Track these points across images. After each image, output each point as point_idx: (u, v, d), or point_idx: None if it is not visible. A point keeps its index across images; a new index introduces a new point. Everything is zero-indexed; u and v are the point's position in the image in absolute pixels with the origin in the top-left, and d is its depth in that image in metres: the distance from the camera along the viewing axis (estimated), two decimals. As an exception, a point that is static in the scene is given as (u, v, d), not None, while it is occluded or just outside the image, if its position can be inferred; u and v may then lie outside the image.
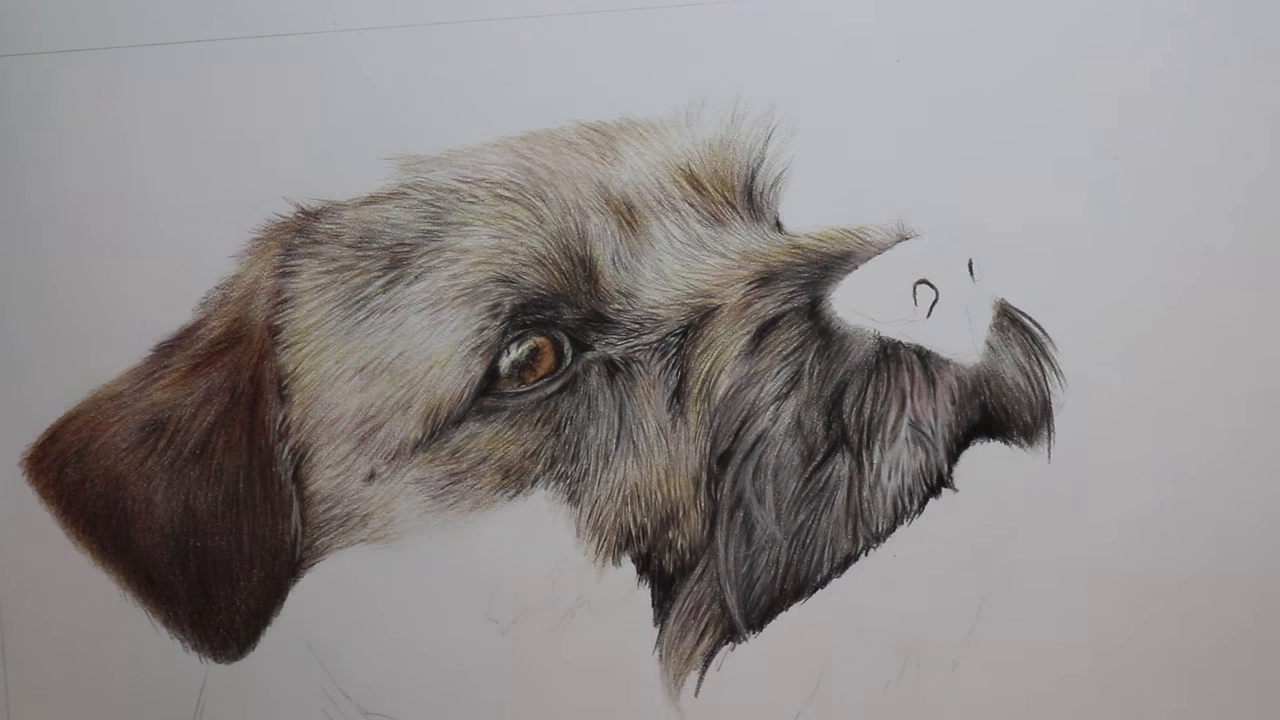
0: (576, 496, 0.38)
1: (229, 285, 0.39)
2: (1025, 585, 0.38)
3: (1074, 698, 0.38)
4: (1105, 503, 0.38)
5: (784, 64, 0.39)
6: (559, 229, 0.38)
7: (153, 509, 0.39)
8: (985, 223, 0.39)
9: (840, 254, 0.38)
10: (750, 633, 0.38)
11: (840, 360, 0.37)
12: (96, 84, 0.40)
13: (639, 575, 0.38)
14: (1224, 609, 0.38)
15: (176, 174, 0.39)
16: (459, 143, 0.39)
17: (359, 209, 0.39)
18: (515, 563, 0.39)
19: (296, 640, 0.39)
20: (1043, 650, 0.38)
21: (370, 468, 0.38)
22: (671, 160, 0.39)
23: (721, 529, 0.37)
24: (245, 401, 0.38)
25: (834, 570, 0.38)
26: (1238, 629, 0.38)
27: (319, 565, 0.39)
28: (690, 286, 0.38)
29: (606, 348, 0.38)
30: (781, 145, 0.39)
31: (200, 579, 0.39)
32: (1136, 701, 0.38)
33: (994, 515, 0.38)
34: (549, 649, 0.39)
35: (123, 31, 0.40)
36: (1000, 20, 0.39)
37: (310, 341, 0.38)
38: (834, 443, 0.37)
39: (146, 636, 0.39)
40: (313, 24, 0.39)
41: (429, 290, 0.38)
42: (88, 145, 0.40)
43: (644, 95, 0.39)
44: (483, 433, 0.38)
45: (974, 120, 0.39)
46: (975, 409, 0.37)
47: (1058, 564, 0.38)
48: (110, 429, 0.39)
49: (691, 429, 0.38)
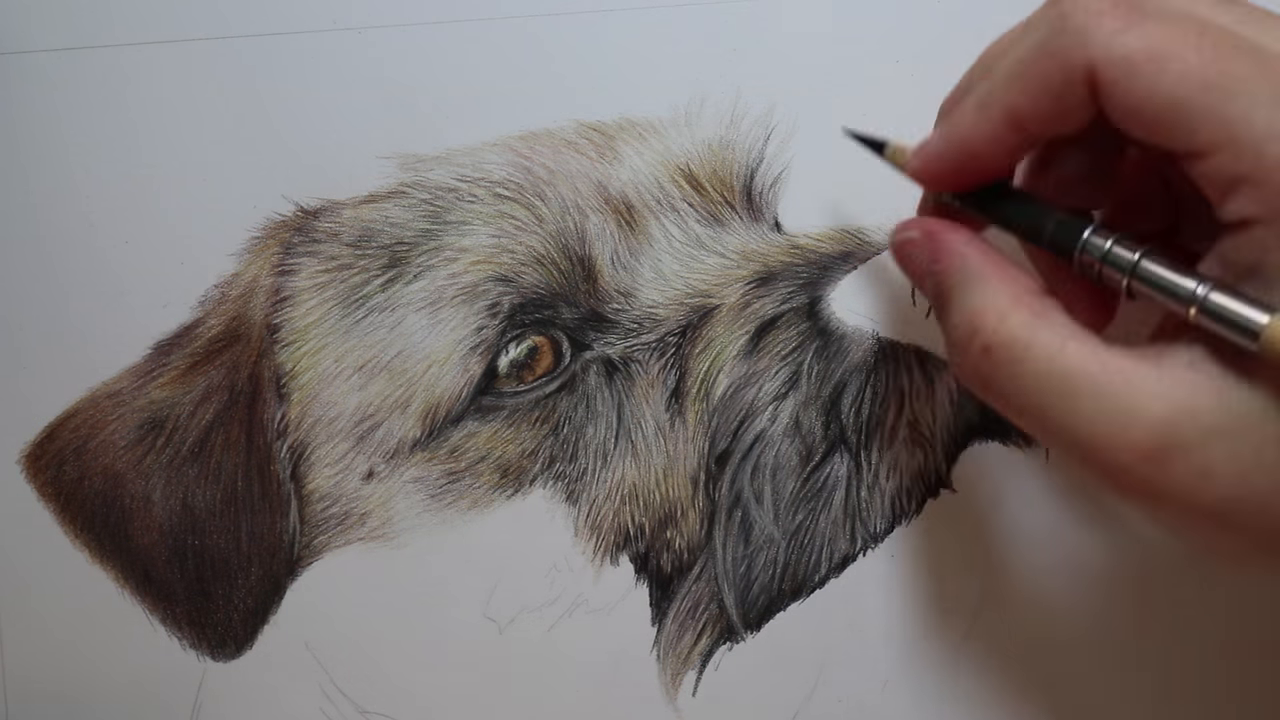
0: (575, 496, 0.38)
1: (228, 283, 0.39)
2: (1023, 586, 0.38)
3: (1074, 698, 0.38)
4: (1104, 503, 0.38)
5: (784, 64, 0.39)
6: (558, 228, 0.38)
7: (151, 507, 0.39)
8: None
9: (839, 254, 0.38)
10: (748, 633, 0.38)
11: (839, 360, 0.37)
12: (96, 82, 0.39)
13: (637, 575, 0.38)
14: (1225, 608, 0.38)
15: (175, 172, 0.39)
16: (458, 142, 0.39)
17: (358, 208, 0.39)
18: (513, 562, 0.39)
19: (294, 639, 0.39)
20: (1041, 651, 0.38)
21: (369, 466, 0.38)
22: (671, 160, 0.39)
23: (720, 529, 0.37)
24: (244, 400, 0.39)
25: (832, 570, 0.38)
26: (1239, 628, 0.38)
27: (317, 564, 0.39)
28: (689, 286, 0.38)
29: (605, 347, 0.38)
30: (781, 145, 0.39)
31: (198, 577, 0.39)
32: (1137, 701, 0.38)
33: (992, 516, 0.38)
34: (546, 648, 0.39)
35: (122, 30, 0.40)
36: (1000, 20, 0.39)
37: (309, 340, 0.38)
38: (832, 443, 0.37)
39: (144, 634, 0.39)
40: (312, 23, 0.39)
41: (428, 289, 0.38)
42: (86, 143, 0.40)
43: (643, 95, 0.39)
44: (481, 432, 0.38)
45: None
46: (973, 409, 0.37)
47: (1056, 565, 0.38)
48: (109, 427, 0.39)
49: (690, 429, 0.38)
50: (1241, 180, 0.25)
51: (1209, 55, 0.25)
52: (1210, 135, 0.25)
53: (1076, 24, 0.26)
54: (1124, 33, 0.26)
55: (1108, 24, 0.26)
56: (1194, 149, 0.25)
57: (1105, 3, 0.26)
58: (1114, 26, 0.26)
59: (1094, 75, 0.26)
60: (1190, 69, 0.25)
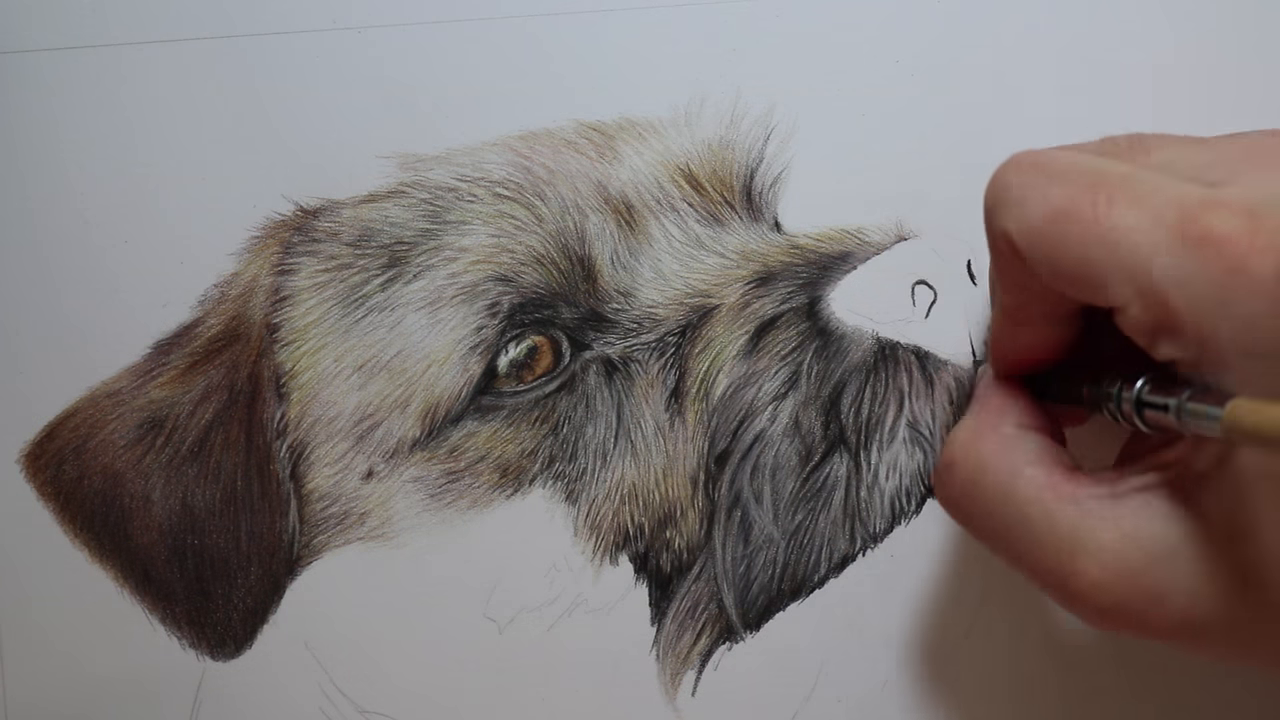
0: (574, 496, 0.38)
1: (227, 283, 0.39)
2: (1023, 586, 0.38)
3: (1074, 698, 0.38)
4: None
5: (784, 64, 0.39)
6: (558, 228, 0.38)
7: (150, 506, 0.39)
8: (984, 223, 0.38)
9: (839, 254, 0.38)
10: (747, 632, 0.38)
11: (838, 360, 0.37)
12: (95, 82, 0.39)
13: (636, 574, 0.38)
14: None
15: (174, 172, 0.39)
16: (458, 141, 0.39)
17: (358, 207, 0.39)
18: (513, 562, 0.39)
19: (294, 638, 0.39)
20: (1041, 651, 0.38)
21: (368, 466, 0.38)
22: (670, 160, 0.39)
23: (719, 529, 0.37)
24: (243, 399, 0.39)
25: (831, 570, 0.38)
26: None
27: (316, 563, 0.39)
28: (689, 286, 0.38)
29: (605, 347, 0.38)
30: (781, 145, 0.39)
31: (198, 576, 0.39)
32: (1137, 701, 0.38)
33: (992, 516, 0.38)
34: (546, 648, 0.39)
35: (120, 30, 0.40)
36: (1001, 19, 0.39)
37: (308, 339, 0.38)
38: (832, 443, 0.37)
39: (143, 634, 0.39)
40: (312, 22, 0.39)
41: (427, 289, 0.38)
42: (85, 143, 0.40)
43: (643, 95, 0.39)
44: (481, 431, 0.38)
45: (974, 121, 0.39)
46: (973, 410, 0.37)
47: (1055, 565, 0.38)
48: (108, 426, 0.39)
49: (689, 428, 0.38)
50: (1158, 329, 0.25)
51: (1103, 210, 0.25)
52: (1119, 290, 0.25)
53: (993, 201, 0.28)
54: (1025, 202, 0.27)
55: (1014, 195, 0.27)
56: (1111, 304, 0.26)
57: (1013, 174, 0.27)
58: (1019, 197, 0.27)
59: (1015, 248, 0.27)
60: (1088, 229, 0.25)
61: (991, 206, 0.28)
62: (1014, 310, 0.30)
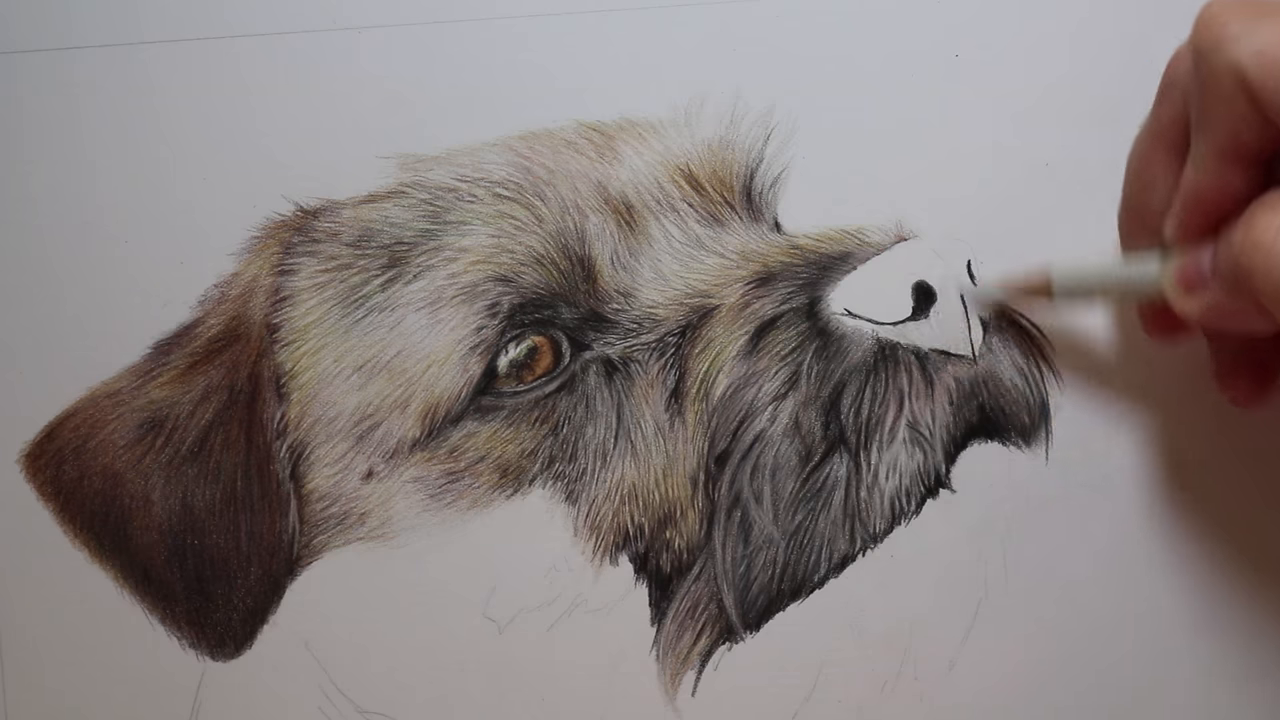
0: (574, 496, 0.38)
1: (227, 283, 0.39)
2: (1023, 586, 0.38)
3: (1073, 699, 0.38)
4: (1103, 504, 0.38)
5: (784, 64, 0.39)
6: (558, 228, 0.38)
7: (150, 506, 0.39)
8: (985, 223, 0.38)
9: (839, 254, 0.38)
10: (747, 633, 0.38)
11: (838, 361, 0.37)
12: (95, 82, 0.39)
13: (636, 575, 0.38)
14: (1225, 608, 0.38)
15: (174, 172, 0.39)
16: (458, 141, 0.39)
17: (358, 207, 0.39)
18: (513, 562, 0.39)
19: (294, 638, 0.39)
20: (1040, 651, 0.38)
21: (368, 466, 0.38)
22: (670, 160, 0.39)
23: (719, 529, 0.37)
24: (243, 399, 0.38)
25: (831, 571, 0.38)
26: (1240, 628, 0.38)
27: (316, 564, 0.39)
28: (689, 286, 0.38)
29: (605, 347, 0.38)
30: (781, 145, 0.39)
31: (197, 576, 0.39)
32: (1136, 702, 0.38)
33: (992, 517, 0.38)
34: (546, 648, 0.39)
35: (121, 30, 0.40)
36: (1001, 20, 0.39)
37: (308, 340, 0.38)
38: (832, 443, 0.37)
39: (143, 634, 0.39)
40: (311, 23, 0.39)
41: (427, 289, 0.38)
42: (85, 143, 0.40)
43: (643, 95, 0.39)
44: (481, 432, 0.38)
45: (974, 121, 0.39)
46: (973, 410, 0.37)
47: (1055, 565, 0.38)
48: (108, 426, 0.39)
49: (689, 429, 0.38)
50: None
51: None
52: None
53: (1213, 38, 0.28)
54: (1253, 33, 0.27)
55: (1238, 29, 0.27)
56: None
57: (1229, 12, 0.28)
58: (1249, 28, 0.27)
59: (1245, 80, 0.27)
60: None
61: (1213, 43, 0.28)
62: (1222, 153, 0.29)
